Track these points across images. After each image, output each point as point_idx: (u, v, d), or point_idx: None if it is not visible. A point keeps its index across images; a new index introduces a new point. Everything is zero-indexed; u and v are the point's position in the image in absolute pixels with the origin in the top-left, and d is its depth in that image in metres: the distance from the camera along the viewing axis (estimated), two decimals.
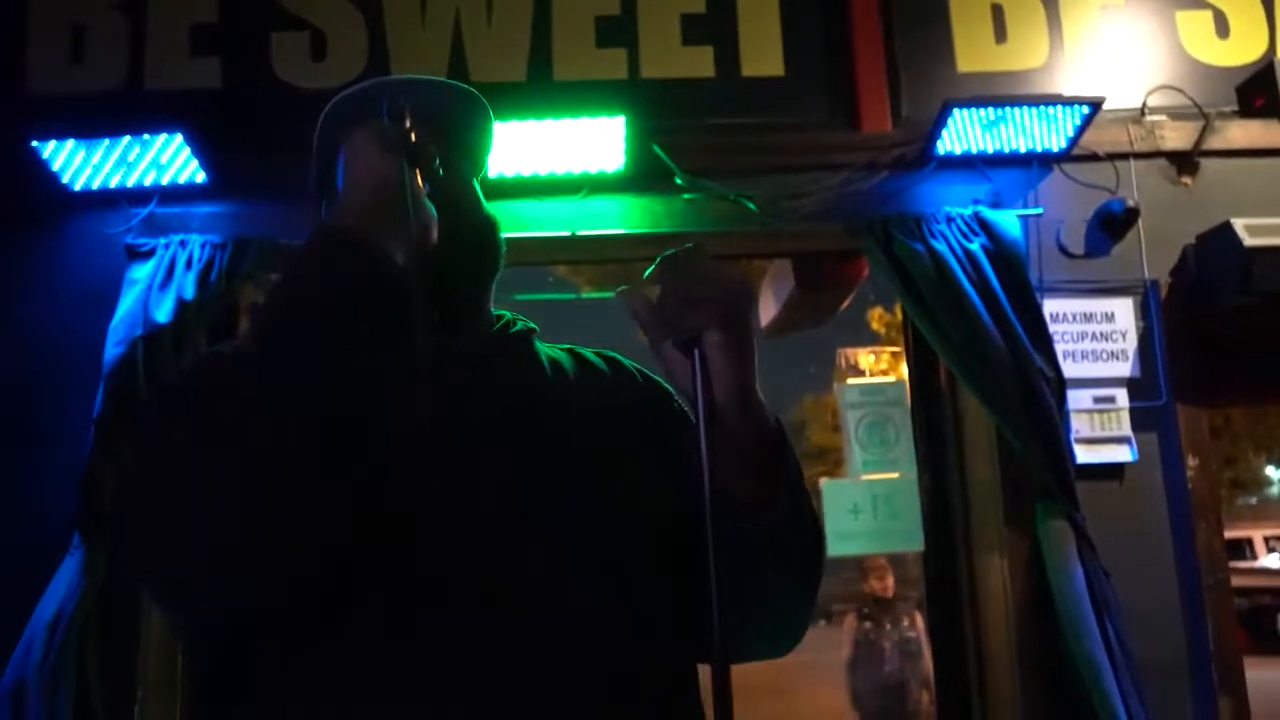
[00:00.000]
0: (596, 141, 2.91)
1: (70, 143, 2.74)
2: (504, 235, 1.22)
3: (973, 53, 3.28)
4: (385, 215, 0.96)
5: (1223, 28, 3.34)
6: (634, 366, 1.28)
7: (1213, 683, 2.81)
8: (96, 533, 2.60)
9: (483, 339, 1.18)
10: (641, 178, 3.05)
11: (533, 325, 1.24)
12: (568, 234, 3.03)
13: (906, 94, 3.22)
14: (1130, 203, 3.07)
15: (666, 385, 1.22)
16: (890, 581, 5.95)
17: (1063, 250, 3.11)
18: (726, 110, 3.17)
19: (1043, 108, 2.97)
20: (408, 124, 1.03)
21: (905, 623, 5.84)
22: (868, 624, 6.02)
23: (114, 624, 2.65)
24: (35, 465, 2.76)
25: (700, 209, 3.07)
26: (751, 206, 3.03)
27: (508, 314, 1.24)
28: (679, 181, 3.04)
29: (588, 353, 1.27)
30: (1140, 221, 3.08)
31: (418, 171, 1.01)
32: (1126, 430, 2.96)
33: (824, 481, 3.25)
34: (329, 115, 1.18)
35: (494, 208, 1.24)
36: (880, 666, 5.87)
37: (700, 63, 3.23)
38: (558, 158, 2.97)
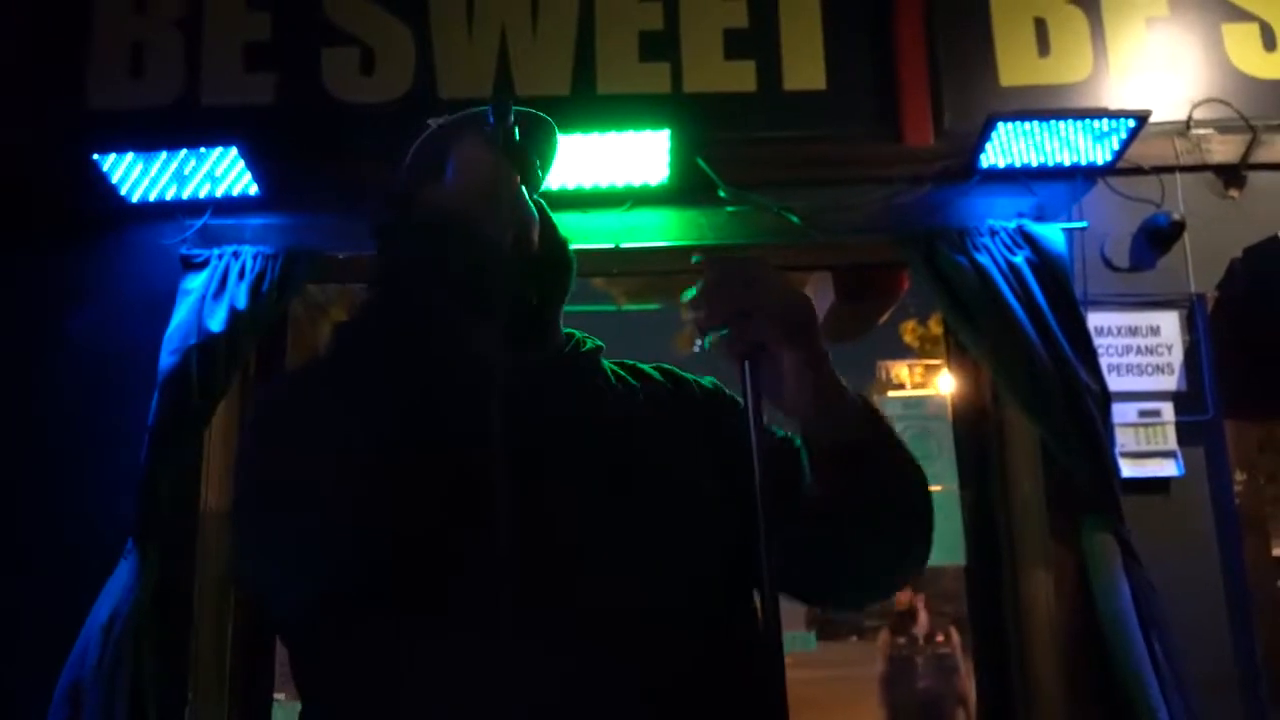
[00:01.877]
0: (641, 155, 2.95)
1: (129, 156, 2.81)
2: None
3: (1016, 66, 3.28)
4: (488, 203, 0.99)
5: (1269, 39, 3.32)
6: (692, 379, 1.30)
7: (1262, 698, 2.77)
8: (151, 537, 2.65)
9: (555, 354, 1.21)
10: (685, 190, 3.08)
11: (600, 343, 1.27)
12: (612, 246, 3.06)
13: (949, 107, 3.22)
14: (1176, 216, 3.05)
15: (725, 391, 1.25)
16: (911, 595, 5.89)
17: (1107, 263, 3.09)
18: (769, 124, 3.20)
19: (1087, 121, 2.96)
20: (511, 124, 1.06)
21: (939, 638, 5.78)
22: (900, 639, 5.97)
23: (166, 628, 2.70)
24: (91, 470, 2.82)
25: (743, 221, 3.09)
26: (794, 219, 3.05)
27: (576, 333, 1.27)
28: (722, 194, 3.07)
29: (647, 367, 1.30)
30: (1186, 235, 3.06)
31: (518, 173, 1.05)
32: (1173, 444, 2.93)
33: None
34: (428, 141, 1.20)
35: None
36: (914, 683, 5.82)
37: (743, 76, 3.26)
38: (602, 171, 3.01)
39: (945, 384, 3.09)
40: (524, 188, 1.06)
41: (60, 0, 3.23)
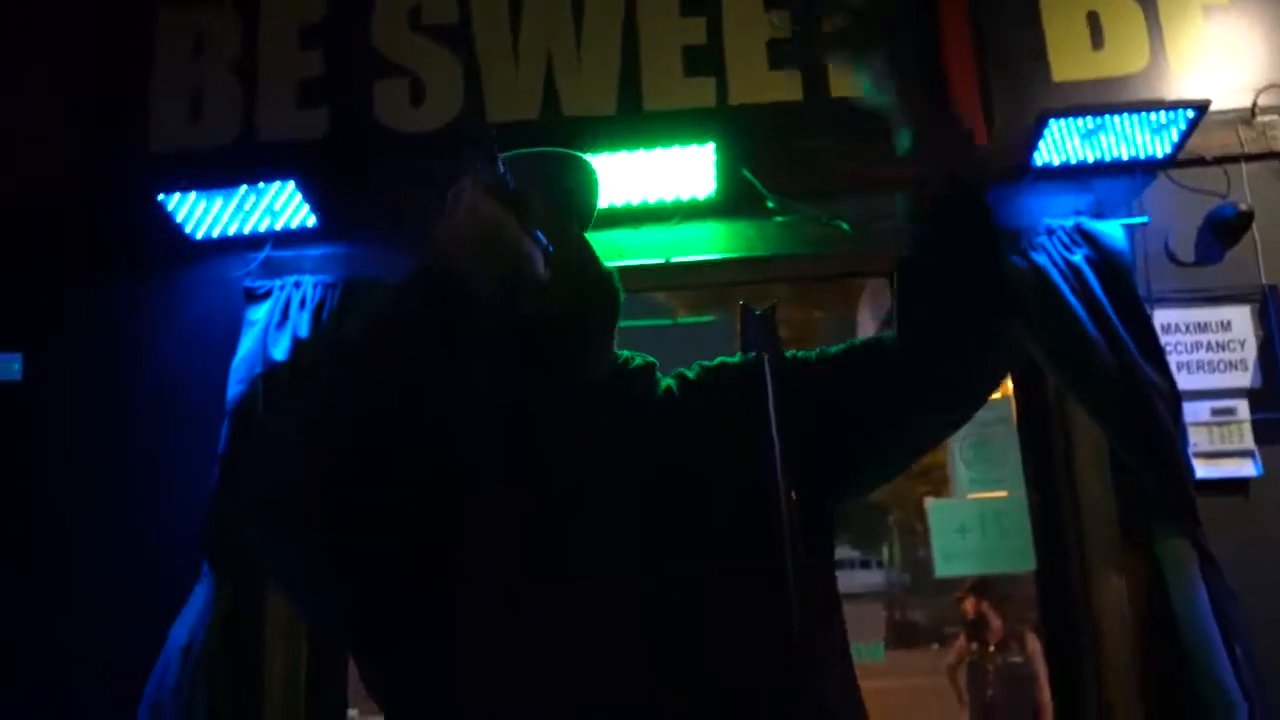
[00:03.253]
0: (687, 169, 2.95)
1: (192, 195, 2.91)
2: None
3: (1069, 60, 3.21)
4: (472, 250, 1.02)
5: None
6: (730, 362, 1.30)
7: None
8: (223, 561, 2.73)
9: (596, 378, 1.22)
10: (733, 202, 3.07)
11: (651, 359, 1.29)
12: (662, 261, 3.07)
13: (1000, 106, 3.16)
14: (1243, 206, 2.96)
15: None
16: (975, 602, 5.74)
17: (1172, 258, 3.01)
18: (816, 132, 3.17)
19: (1144, 114, 2.89)
20: (499, 166, 1.08)
21: (1013, 647, 5.63)
22: (974, 645, 5.84)
23: (241, 650, 2.78)
24: (165, 497, 2.92)
25: (793, 231, 3.08)
26: (845, 227, 3.02)
27: (627, 353, 1.29)
28: (770, 205, 3.05)
29: (692, 372, 1.30)
30: (1255, 225, 2.96)
31: (515, 212, 1.06)
32: (1249, 443, 2.83)
33: (930, 501, 3.20)
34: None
35: (595, 241, 1.30)
36: (984, 692, 5.68)
37: (788, 86, 3.24)
38: (650, 187, 3.02)
39: (1009, 387, 3.04)
40: (520, 227, 1.07)
41: (123, 46, 3.36)
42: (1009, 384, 3.13)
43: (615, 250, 3.05)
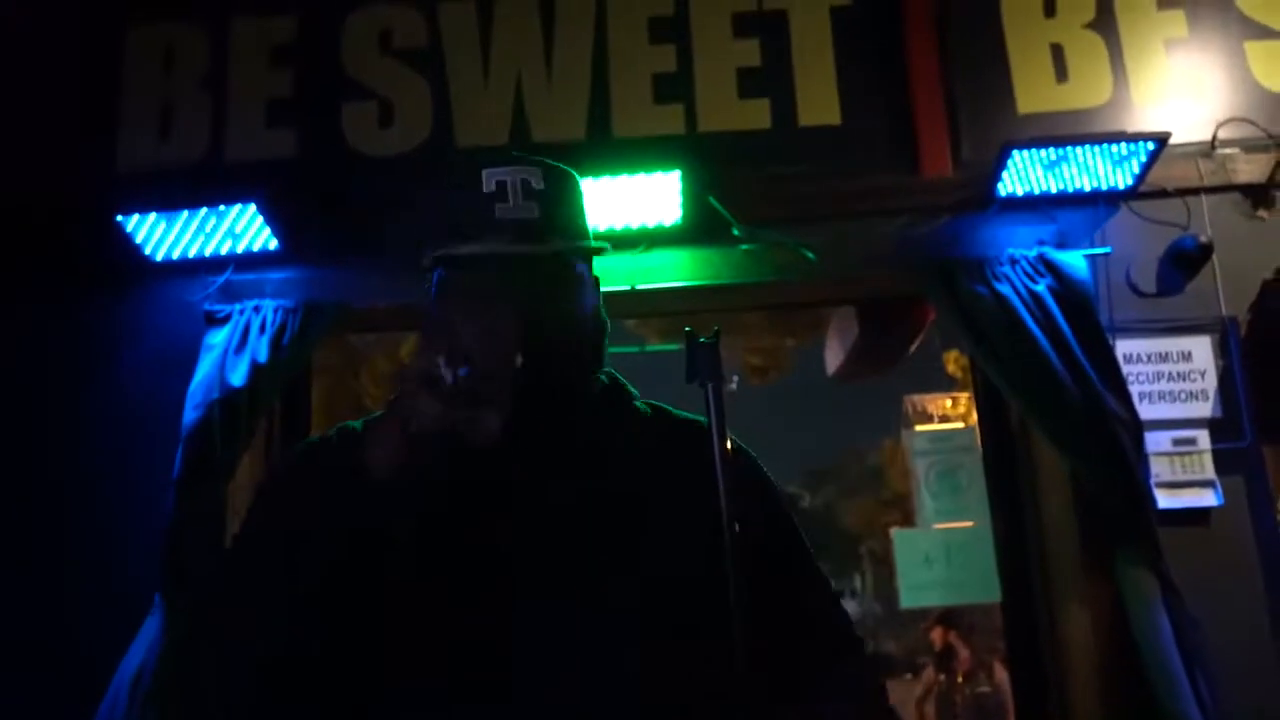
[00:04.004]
0: (654, 196, 2.95)
1: (151, 216, 2.88)
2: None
3: (1033, 93, 3.25)
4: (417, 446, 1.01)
5: None
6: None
7: None
8: (176, 590, 2.68)
9: (564, 440, 1.18)
10: (700, 230, 3.07)
11: (630, 393, 1.27)
12: (628, 288, 3.07)
13: (966, 137, 3.20)
14: (1203, 239, 2.99)
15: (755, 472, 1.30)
16: (943, 632, 5.73)
17: (1134, 289, 3.03)
18: (785, 160, 3.19)
19: (1105, 145, 2.92)
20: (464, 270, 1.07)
21: (980, 677, 5.62)
22: (942, 676, 5.84)
23: (194, 682, 2.72)
24: (119, 524, 2.86)
25: (759, 259, 3.08)
26: (810, 255, 3.03)
27: (604, 380, 1.27)
28: (736, 233, 3.06)
29: (678, 419, 1.28)
30: (1215, 257, 2.99)
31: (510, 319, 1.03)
32: (1210, 473, 2.85)
33: (895, 531, 3.19)
34: (442, 202, 1.23)
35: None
36: None
37: (757, 115, 3.26)
38: (618, 213, 3.02)
39: (974, 417, 3.05)
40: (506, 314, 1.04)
41: (92, 63, 3.33)
42: (973, 413, 3.14)
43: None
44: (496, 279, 1.11)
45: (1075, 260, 2.93)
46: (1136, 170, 2.97)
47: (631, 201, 2.96)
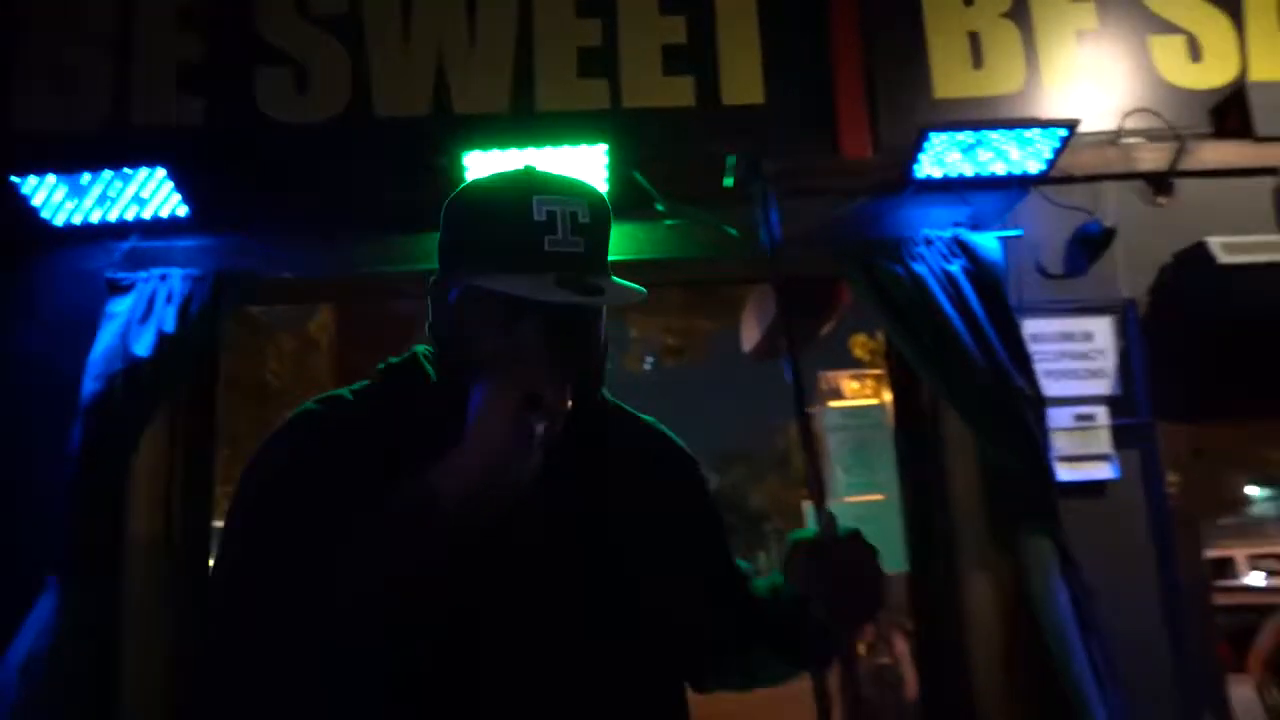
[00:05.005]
0: (579, 170, 2.94)
1: (51, 178, 2.75)
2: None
3: (950, 79, 3.32)
4: (498, 478, 0.99)
5: (1195, 51, 3.39)
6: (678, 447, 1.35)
7: (1196, 699, 2.81)
8: (73, 572, 2.57)
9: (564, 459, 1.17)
10: (623, 205, 3.06)
11: (617, 407, 1.30)
12: None
13: (885, 120, 3.25)
14: (1107, 223, 3.11)
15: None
16: None
17: (1041, 271, 3.14)
18: (708, 137, 3.20)
19: (1019, 131, 3.01)
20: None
21: (881, 648, 5.75)
22: None
23: (90, 666, 2.62)
24: (10, 502, 2.74)
25: (682, 236, 3.09)
26: (732, 232, 3.05)
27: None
28: (660, 209, 3.06)
29: (644, 424, 1.32)
30: (1117, 241, 3.11)
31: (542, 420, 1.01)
32: (1108, 448, 2.98)
33: (807, 504, 3.25)
34: (472, 206, 1.18)
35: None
36: (854, 693, 5.76)
37: (681, 92, 3.26)
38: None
39: (887, 394, 3.12)
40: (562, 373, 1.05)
41: None
42: (886, 390, 3.21)
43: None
44: (564, 327, 1.10)
45: (987, 242, 3.01)
46: (1048, 156, 3.06)
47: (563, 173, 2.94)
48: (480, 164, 2.85)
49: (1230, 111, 3.28)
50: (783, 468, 22.10)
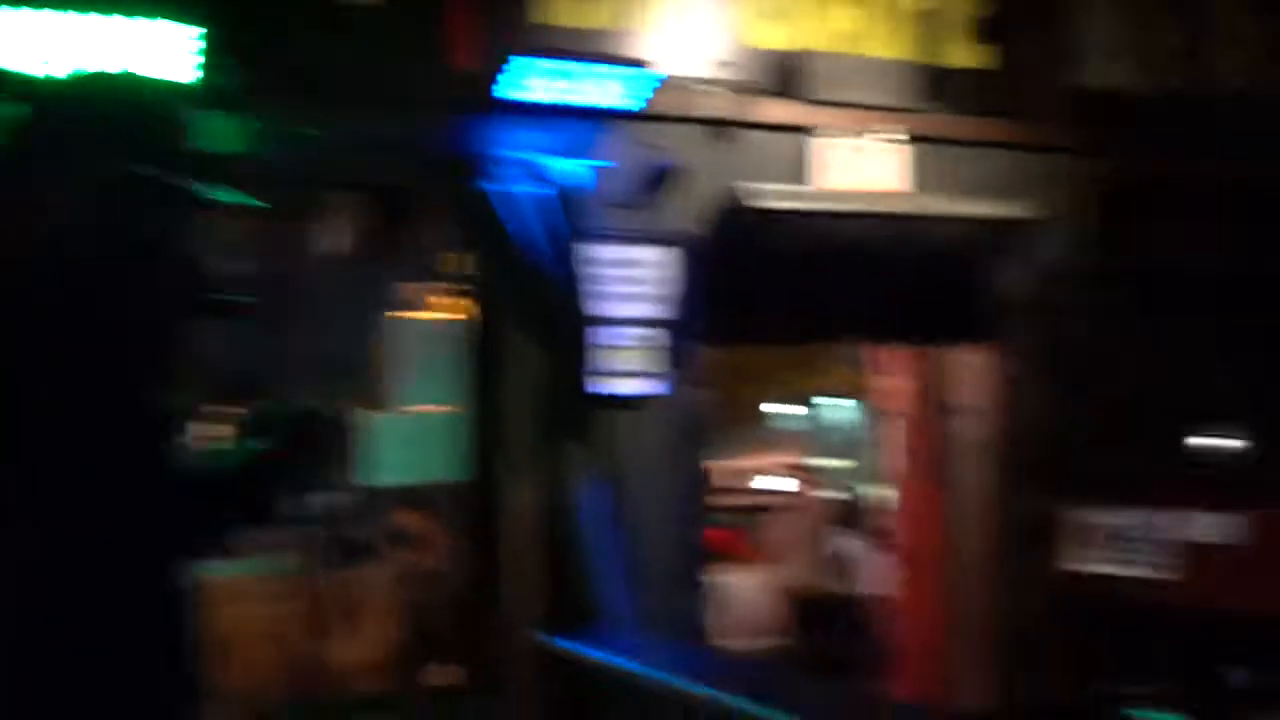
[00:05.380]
0: (169, 49, 2.77)
1: None
2: None
3: (551, 5, 3.44)
4: None
5: (767, 13, 3.76)
6: None
7: (697, 577, 3.36)
8: None
9: None
10: (214, 94, 2.92)
11: None
12: None
13: (485, 39, 3.32)
14: (676, 163, 3.45)
15: None
16: (405, 513, 6.01)
17: (615, 201, 3.42)
18: (308, 36, 3.11)
19: (608, 67, 3.24)
20: None
21: (432, 553, 6.00)
22: (400, 555, 6.11)
23: None
24: None
25: (271, 134, 3.02)
26: (315, 134, 3.01)
27: None
28: (248, 102, 2.96)
29: None
30: (683, 180, 3.47)
31: None
32: (655, 366, 3.37)
33: (372, 414, 3.28)
34: None
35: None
36: (403, 599, 5.95)
37: None
38: (120, 59, 2.78)
39: (467, 309, 3.26)
40: None
41: None
42: (456, 306, 3.37)
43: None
44: None
45: (570, 169, 3.24)
46: (631, 94, 3.32)
47: (141, 50, 2.75)
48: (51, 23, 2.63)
49: (787, 73, 3.73)
50: (362, 375, 21.69)
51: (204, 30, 2.75)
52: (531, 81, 3.19)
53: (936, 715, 3.35)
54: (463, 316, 3.37)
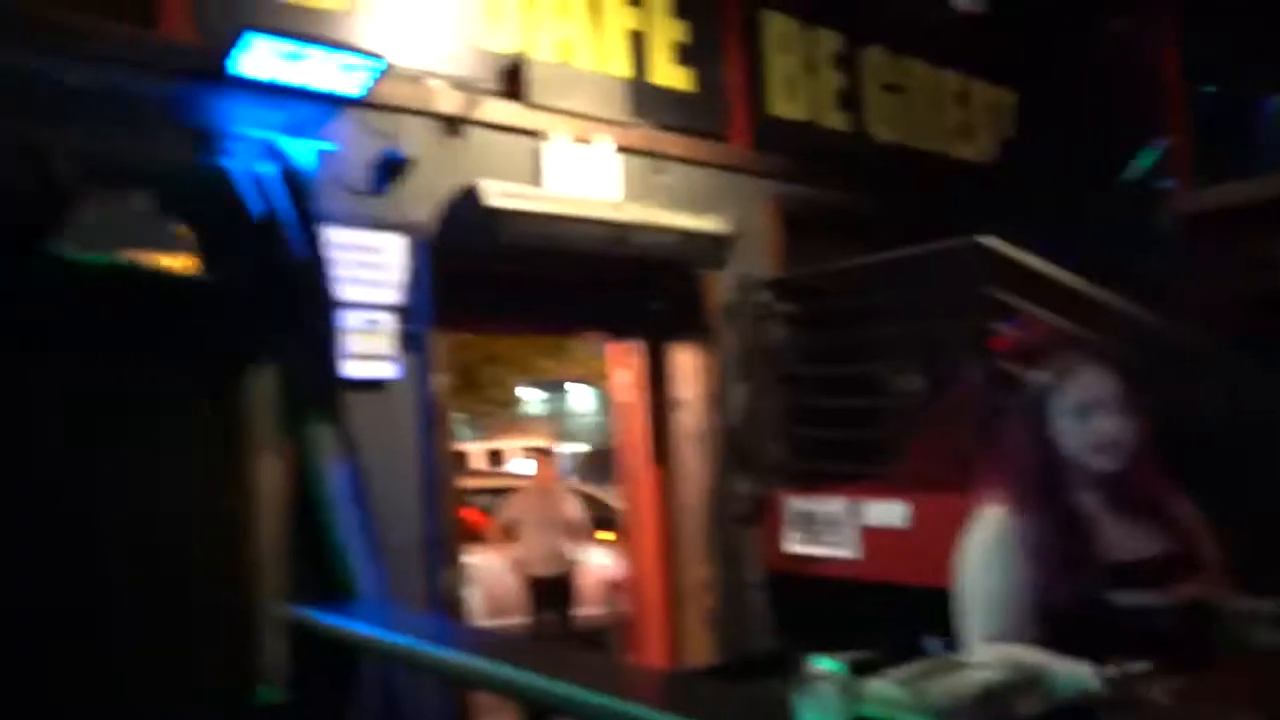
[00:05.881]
0: None
1: None
2: None
3: None
4: None
5: (495, 15, 3.89)
6: None
7: (438, 560, 3.43)
8: None
9: None
10: None
11: None
12: None
13: (212, 7, 3.20)
14: (407, 153, 3.50)
15: None
16: None
17: (347, 186, 3.41)
18: None
19: (341, 52, 3.23)
20: None
21: None
22: None
23: None
24: None
25: None
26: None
27: None
28: None
29: None
30: (414, 170, 3.52)
31: None
32: (391, 350, 3.40)
33: None
34: None
35: None
36: None
37: None
38: None
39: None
40: None
41: None
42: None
43: None
44: None
45: (301, 150, 3.19)
46: (363, 82, 3.33)
47: None
48: None
49: (512, 77, 3.89)
50: None
51: None
52: (265, 60, 3.11)
53: (658, 674, 3.62)
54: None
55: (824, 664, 1.39)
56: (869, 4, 5.23)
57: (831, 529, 3.91)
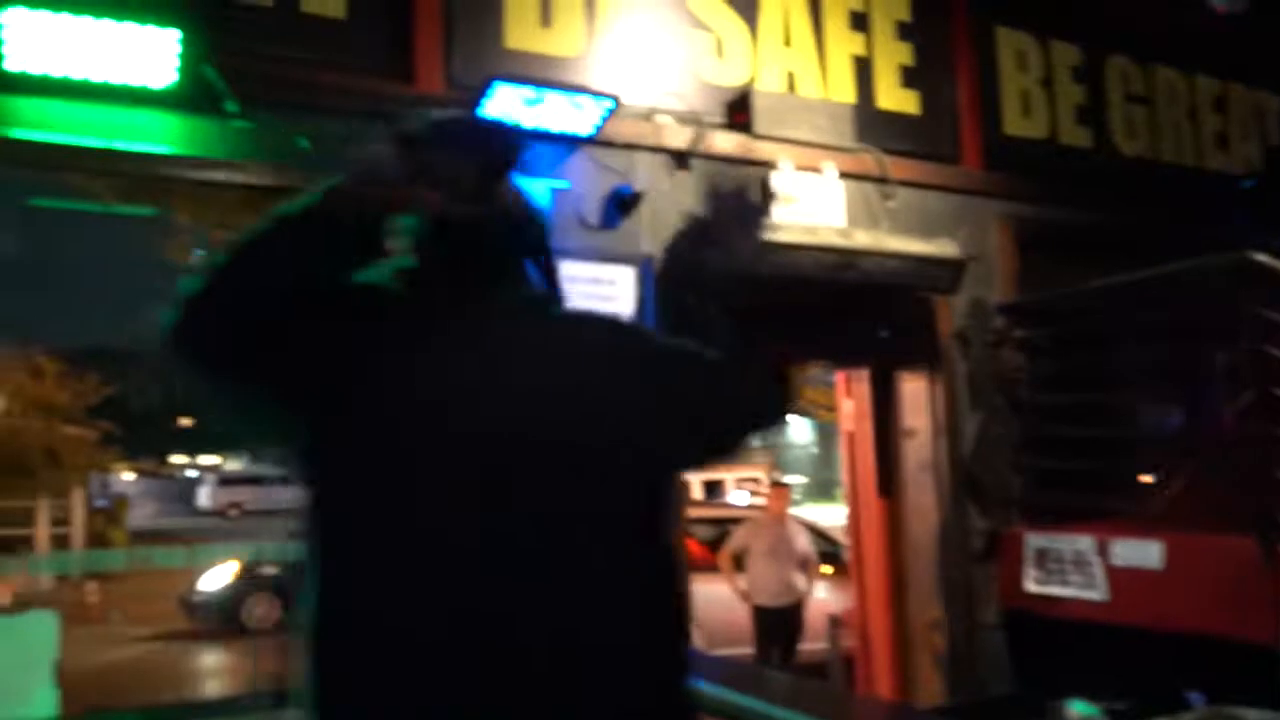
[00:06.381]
0: (149, 52, 2.79)
1: None
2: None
3: (519, 31, 3.61)
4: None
5: (720, 50, 4.00)
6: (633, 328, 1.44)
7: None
8: None
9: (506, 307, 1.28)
10: (193, 98, 2.97)
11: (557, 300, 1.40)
12: (102, 145, 2.87)
13: (459, 59, 3.46)
14: (637, 188, 3.62)
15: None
16: None
17: (580, 221, 3.57)
18: (285, 43, 3.19)
19: (575, 94, 3.40)
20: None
21: None
22: None
23: None
24: None
25: (249, 139, 3.07)
26: (304, 143, 3.09)
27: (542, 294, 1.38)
28: (230, 108, 3.01)
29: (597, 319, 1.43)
30: (643, 205, 3.64)
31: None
32: None
33: None
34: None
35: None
36: None
37: None
38: (105, 63, 2.79)
39: None
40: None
41: None
42: None
43: (50, 123, 2.78)
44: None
45: (538, 190, 3.37)
46: (596, 122, 3.49)
47: (124, 53, 2.77)
48: (39, 23, 2.62)
49: (739, 108, 3.96)
50: None
51: (182, 33, 2.79)
52: (507, 104, 3.31)
53: (887, 709, 3.50)
54: None
55: (1080, 708, 1.32)
56: (1111, 13, 4.97)
57: (1076, 568, 3.66)
